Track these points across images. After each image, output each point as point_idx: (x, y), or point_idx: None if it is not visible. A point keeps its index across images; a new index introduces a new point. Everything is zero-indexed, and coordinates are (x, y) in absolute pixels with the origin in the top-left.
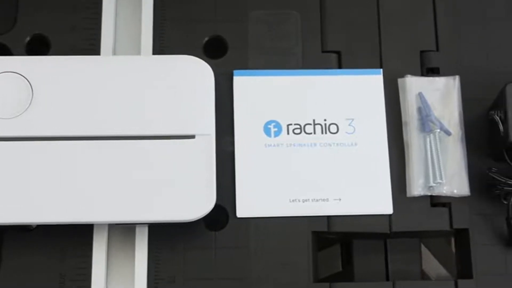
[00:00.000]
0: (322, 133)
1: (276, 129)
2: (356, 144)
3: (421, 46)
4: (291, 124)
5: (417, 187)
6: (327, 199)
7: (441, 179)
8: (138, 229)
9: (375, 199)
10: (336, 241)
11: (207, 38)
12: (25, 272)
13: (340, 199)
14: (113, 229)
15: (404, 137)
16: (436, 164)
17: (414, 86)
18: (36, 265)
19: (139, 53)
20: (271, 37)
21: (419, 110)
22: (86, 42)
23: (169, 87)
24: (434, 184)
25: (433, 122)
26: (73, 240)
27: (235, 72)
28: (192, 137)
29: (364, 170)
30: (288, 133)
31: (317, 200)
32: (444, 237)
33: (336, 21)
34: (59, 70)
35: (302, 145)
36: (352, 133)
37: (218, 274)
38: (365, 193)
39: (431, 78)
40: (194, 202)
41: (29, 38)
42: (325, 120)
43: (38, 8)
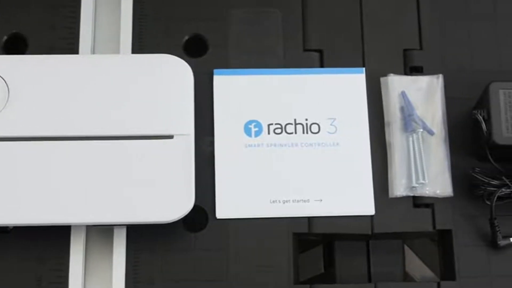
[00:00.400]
0: (304, 133)
1: (256, 129)
2: (337, 144)
3: (404, 45)
4: (272, 124)
5: (399, 188)
6: (308, 200)
7: (423, 179)
8: (116, 231)
9: (357, 200)
10: (319, 242)
11: (187, 37)
12: (1, 275)
13: (321, 200)
14: (91, 231)
15: (387, 137)
16: (418, 164)
17: (397, 85)
18: (13, 267)
19: (118, 52)
20: (252, 35)
21: (402, 109)
22: (64, 41)
23: (148, 86)
24: (416, 185)
25: (416, 122)
26: (50, 242)
27: (215, 71)
28: (171, 137)
29: (345, 171)
30: (268, 133)
31: (298, 201)
32: (427, 238)
33: (318, 19)
34: (36, 69)
35: (283, 145)
36: (334, 133)
37: (197, 275)
38: (347, 193)
39: (414, 77)
40: (172, 203)
41: (6, 37)
42: (306, 119)
43: (15, 7)
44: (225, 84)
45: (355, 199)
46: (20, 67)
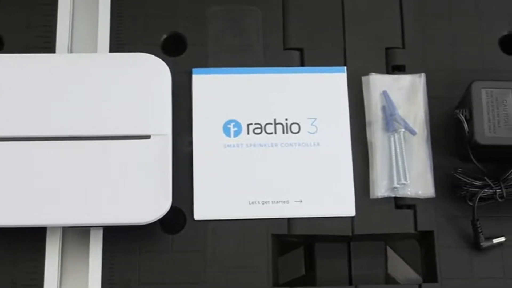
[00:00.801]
0: (283, 133)
1: (235, 128)
2: (318, 144)
3: (386, 43)
4: (251, 124)
5: (380, 189)
6: (287, 201)
7: (405, 180)
8: (92, 232)
9: (337, 201)
10: (299, 244)
11: (165, 36)
12: None
13: (301, 201)
14: (67, 232)
15: (368, 137)
16: (400, 165)
17: (379, 84)
18: None
19: (96, 51)
20: (232, 34)
21: (384, 109)
22: (40, 40)
23: (125, 86)
24: (398, 185)
25: (397, 121)
26: (25, 243)
27: (194, 70)
28: (148, 137)
29: (326, 171)
30: (248, 133)
31: (277, 202)
32: (409, 239)
33: (299, 17)
34: (12, 69)
35: (262, 145)
36: (314, 133)
37: (175, 278)
38: (327, 194)
39: (396, 76)
40: (149, 204)
41: None
42: (286, 119)
43: None
44: (204, 83)
45: (335, 200)
46: None
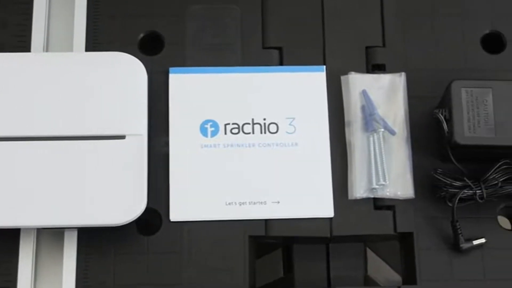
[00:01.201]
0: (261, 133)
1: (213, 128)
2: (296, 145)
3: (366, 42)
4: (228, 124)
5: (359, 189)
6: (265, 202)
7: (384, 180)
8: (67, 234)
9: (315, 202)
10: (278, 246)
11: (142, 34)
12: None
13: (279, 202)
14: (42, 234)
15: (347, 137)
16: (379, 165)
17: (358, 83)
18: None
19: (72, 50)
20: (210, 32)
21: (363, 108)
22: (16, 38)
23: (100, 85)
24: (377, 186)
25: (377, 121)
26: None
27: (171, 69)
28: (123, 137)
29: (304, 172)
30: (225, 133)
31: (255, 203)
32: (388, 241)
33: (278, 16)
34: None
35: (240, 146)
36: (293, 133)
37: (150, 280)
38: (305, 195)
39: (375, 75)
40: (124, 205)
41: None
42: (264, 119)
43: None
44: (181, 82)
45: (313, 201)
46: None
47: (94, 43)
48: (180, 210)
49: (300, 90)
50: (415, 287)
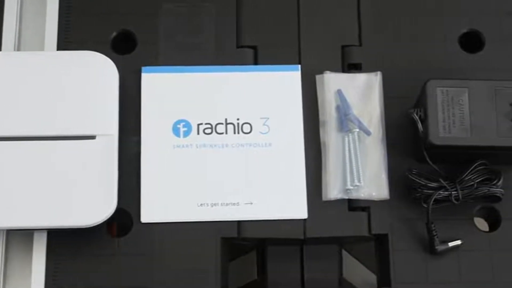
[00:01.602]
0: (235, 133)
1: (185, 129)
2: (270, 145)
3: (343, 41)
4: (201, 124)
5: (333, 190)
6: (238, 203)
7: (359, 181)
8: (36, 235)
9: (289, 203)
10: (252, 247)
11: (115, 33)
12: None
13: (252, 203)
14: (12, 235)
15: (321, 137)
16: (354, 166)
17: (333, 83)
18: None
19: (44, 49)
20: (184, 31)
21: (338, 108)
22: None
23: (70, 84)
24: (351, 187)
25: (352, 121)
26: None
27: (143, 68)
28: (93, 137)
29: (278, 172)
30: (198, 133)
31: (227, 204)
32: (363, 242)
33: (253, 14)
34: None
35: (212, 146)
36: (267, 133)
37: (121, 282)
38: (279, 196)
39: (351, 75)
40: (93, 206)
41: None
42: (238, 119)
43: None
44: (153, 82)
45: (287, 202)
46: None
47: (66, 42)
48: (152, 212)
49: (275, 90)
50: None
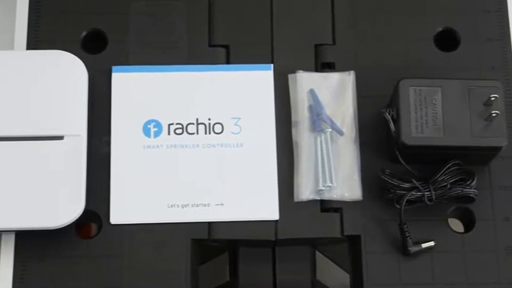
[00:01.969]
0: (206, 133)
1: (156, 129)
2: (242, 145)
3: (316, 40)
4: (172, 124)
5: (305, 191)
6: (208, 204)
7: (331, 182)
8: (4, 237)
9: (260, 204)
10: (224, 249)
11: (85, 32)
12: None
13: (223, 204)
14: None
15: (294, 137)
16: (326, 167)
17: (306, 82)
18: None
19: (13, 48)
20: (155, 30)
21: (310, 108)
22: None
23: (38, 84)
24: (323, 188)
25: (324, 121)
26: None
27: (113, 68)
28: (61, 138)
29: (249, 173)
30: (169, 133)
31: (198, 205)
32: (336, 244)
33: (225, 13)
34: None
35: (183, 146)
36: (238, 133)
37: (90, 284)
38: (250, 197)
39: (324, 74)
40: (61, 207)
41: None
42: (209, 119)
43: None
44: (123, 81)
45: (258, 203)
46: None
47: (36, 41)
48: (121, 213)
49: (247, 89)
50: None
